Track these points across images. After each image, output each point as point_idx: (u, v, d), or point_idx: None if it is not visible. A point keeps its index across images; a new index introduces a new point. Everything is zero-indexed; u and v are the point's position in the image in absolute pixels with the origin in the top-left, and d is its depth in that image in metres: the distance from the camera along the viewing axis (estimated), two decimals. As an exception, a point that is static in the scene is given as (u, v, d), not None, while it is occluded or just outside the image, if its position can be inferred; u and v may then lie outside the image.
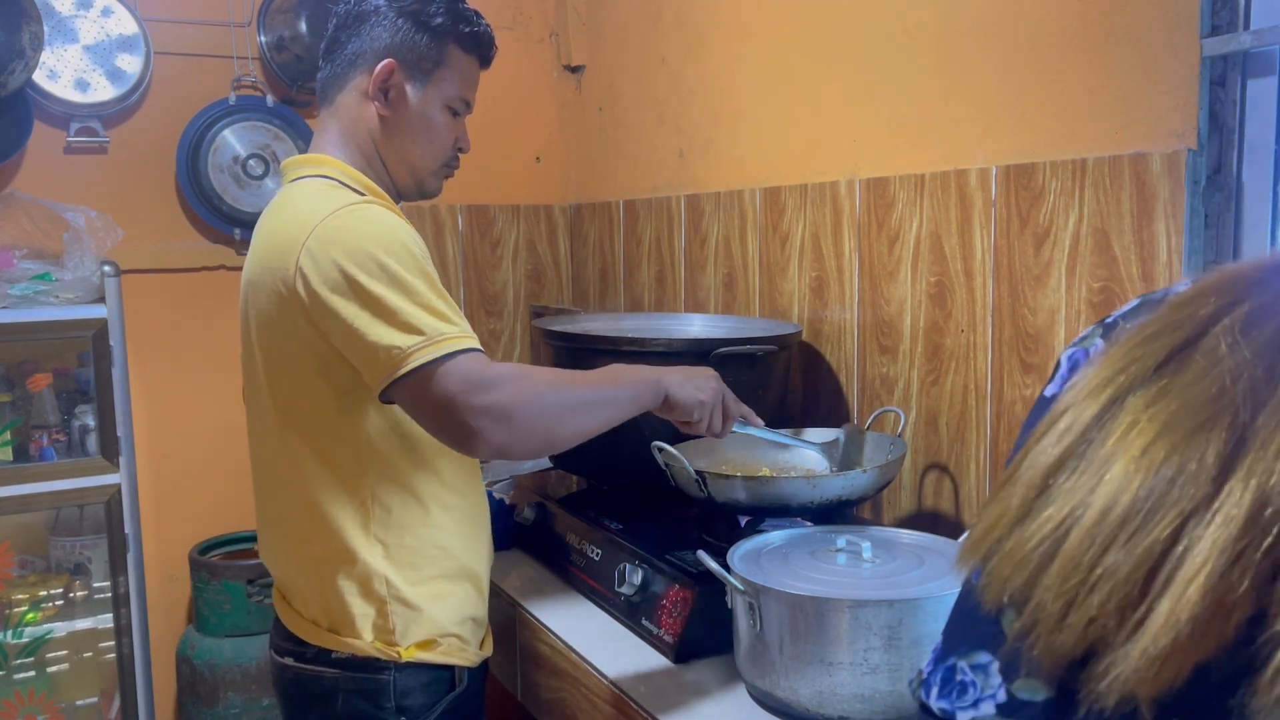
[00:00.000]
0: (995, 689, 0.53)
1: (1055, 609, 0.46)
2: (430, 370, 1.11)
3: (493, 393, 1.12)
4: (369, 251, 1.14)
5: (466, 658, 1.32)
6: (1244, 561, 0.41)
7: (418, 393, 1.13)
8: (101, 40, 2.32)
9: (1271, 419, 0.43)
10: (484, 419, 1.11)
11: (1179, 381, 0.47)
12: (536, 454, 1.21)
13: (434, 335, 1.12)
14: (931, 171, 1.59)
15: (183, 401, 2.48)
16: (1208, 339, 0.47)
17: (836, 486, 1.36)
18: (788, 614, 1.13)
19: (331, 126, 1.34)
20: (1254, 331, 0.46)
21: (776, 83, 1.97)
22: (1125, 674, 0.43)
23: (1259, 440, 0.43)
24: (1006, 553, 0.50)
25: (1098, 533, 0.46)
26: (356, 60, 1.32)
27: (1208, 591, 0.41)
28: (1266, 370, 0.44)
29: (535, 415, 1.15)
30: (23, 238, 2.23)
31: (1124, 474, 0.46)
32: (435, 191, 1.41)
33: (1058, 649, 0.47)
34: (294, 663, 1.30)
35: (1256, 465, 0.42)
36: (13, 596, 2.23)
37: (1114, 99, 1.32)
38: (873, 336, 1.73)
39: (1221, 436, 0.44)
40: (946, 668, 0.56)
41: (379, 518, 1.25)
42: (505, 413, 1.12)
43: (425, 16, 1.31)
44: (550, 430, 1.17)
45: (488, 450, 1.13)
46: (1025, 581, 0.48)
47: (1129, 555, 0.44)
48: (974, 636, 0.55)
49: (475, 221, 2.73)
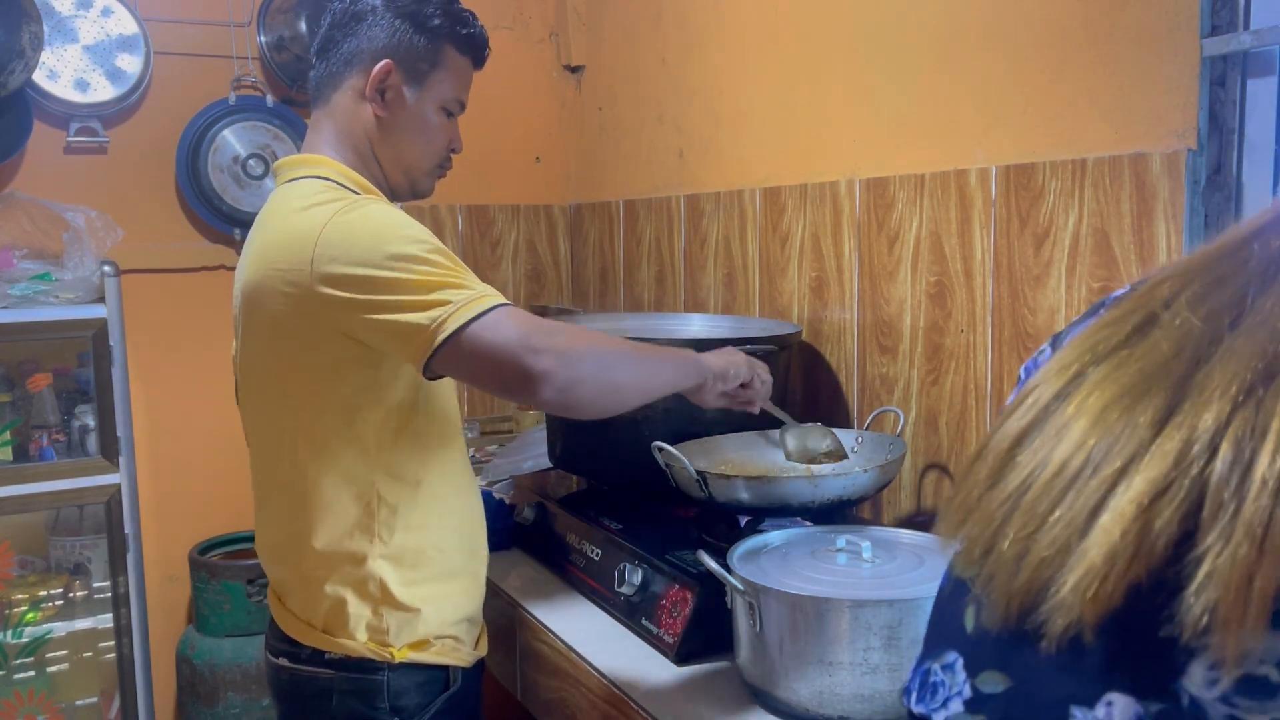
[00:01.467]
0: (961, 685, 0.55)
1: (1010, 555, 0.51)
2: (477, 324, 1.11)
3: (554, 336, 1.12)
4: (384, 241, 1.15)
5: (461, 658, 1.32)
6: (1172, 490, 0.45)
7: (469, 350, 1.11)
8: (101, 40, 2.32)
9: (1208, 374, 0.47)
10: (548, 358, 1.10)
11: (1136, 353, 0.51)
12: (598, 402, 1.18)
13: (469, 296, 1.13)
14: (931, 171, 1.59)
15: (183, 401, 2.48)
16: (1165, 315, 0.52)
17: (836, 486, 1.36)
18: (788, 614, 1.13)
19: (326, 126, 1.34)
20: (1203, 304, 0.50)
21: (776, 83, 1.97)
22: (1067, 597, 0.47)
23: (1195, 391, 0.47)
24: (975, 519, 0.54)
25: (1054, 485, 0.50)
26: (352, 60, 1.32)
27: (1138, 514, 0.46)
28: (1212, 335, 0.49)
29: (596, 359, 1.15)
30: (23, 238, 2.23)
31: (1081, 433, 0.50)
32: (428, 192, 1.42)
33: (1012, 592, 0.50)
34: (288, 663, 1.30)
35: (1190, 413, 0.47)
36: (13, 596, 2.23)
37: (1114, 99, 1.32)
38: (873, 336, 1.73)
39: (1165, 393, 0.48)
40: (923, 671, 0.58)
41: (383, 518, 1.25)
42: (568, 352, 1.12)
43: (422, 18, 1.32)
44: (610, 377, 1.17)
45: (552, 388, 1.11)
46: (989, 537, 0.52)
47: (1077, 499, 0.49)
48: (944, 637, 0.57)
49: (475, 221, 2.73)
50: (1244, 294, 0.49)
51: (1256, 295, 0.49)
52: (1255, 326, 0.48)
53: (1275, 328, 0.47)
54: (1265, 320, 0.48)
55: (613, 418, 1.24)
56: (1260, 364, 0.46)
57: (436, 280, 1.13)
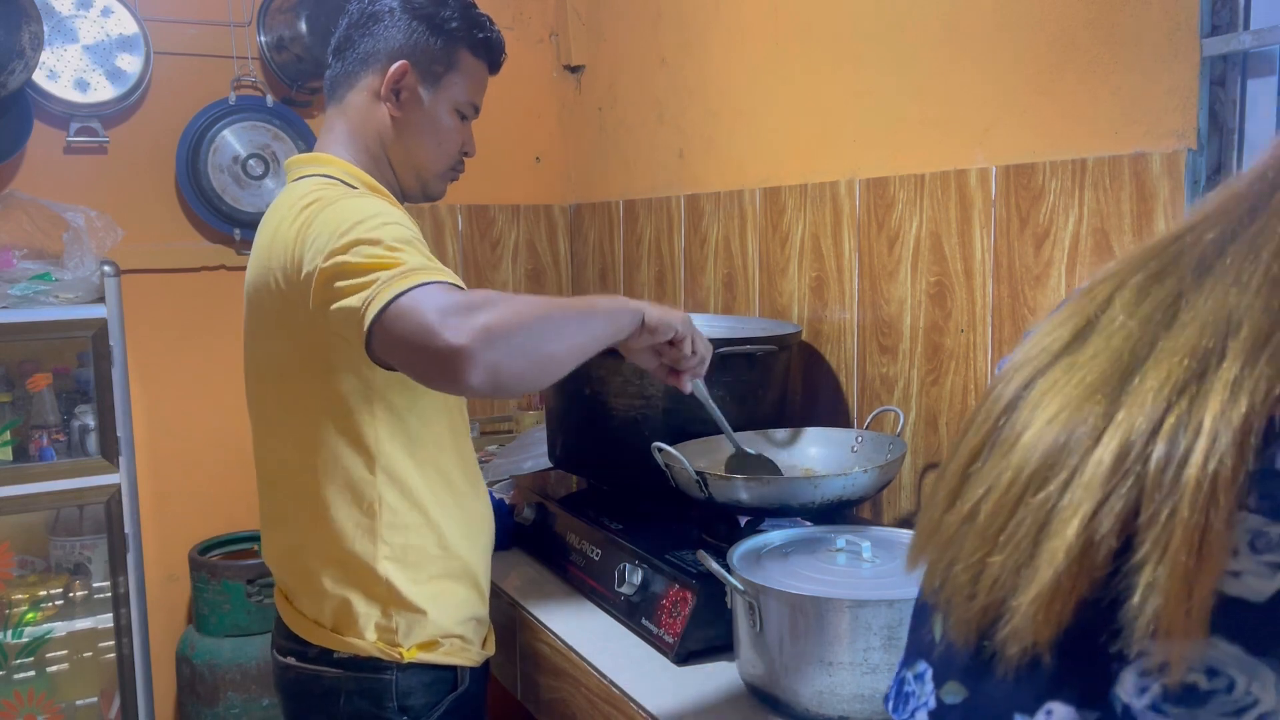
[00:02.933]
0: (928, 696, 0.55)
1: (965, 580, 0.51)
2: (396, 302, 1.01)
3: (475, 314, 1.00)
4: (347, 231, 1.11)
5: (469, 658, 1.32)
6: (1111, 500, 0.45)
7: (393, 330, 1.01)
8: (101, 40, 2.32)
9: (1143, 377, 0.47)
10: (472, 340, 0.98)
11: (1080, 359, 0.51)
12: (529, 377, 1.06)
13: (397, 273, 1.04)
14: (931, 171, 1.59)
15: (183, 401, 2.47)
16: (1103, 319, 0.52)
17: (837, 486, 1.36)
18: (788, 614, 1.13)
19: (339, 125, 1.34)
20: (1138, 305, 0.51)
21: (776, 83, 1.97)
22: (1020, 622, 0.47)
23: (1131, 396, 0.47)
24: (934, 543, 0.55)
25: (1004, 504, 0.50)
26: (368, 60, 1.32)
27: (1080, 530, 0.46)
28: (1149, 336, 0.49)
29: (523, 332, 1.03)
30: (23, 238, 2.23)
31: (1025, 450, 0.50)
32: (439, 194, 1.42)
33: (969, 617, 0.51)
34: (296, 663, 1.30)
35: (1125, 419, 0.47)
36: (13, 596, 2.23)
37: (1114, 99, 1.32)
38: (873, 336, 1.73)
39: (1105, 398, 0.48)
40: (899, 680, 0.59)
41: (385, 519, 1.25)
42: (492, 331, 0.99)
43: (439, 20, 1.32)
44: (540, 348, 1.05)
45: (479, 375, 0.99)
46: (946, 562, 0.53)
47: (1025, 519, 0.49)
48: (917, 647, 0.58)
49: (475, 221, 2.73)
50: (1178, 291, 0.49)
51: (1189, 292, 0.48)
52: (1187, 324, 0.47)
53: (1206, 323, 0.47)
54: (1196, 317, 0.47)
55: (612, 418, 1.24)
56: (1192, 361, 0.46)
57: (381, 261, 1.06)
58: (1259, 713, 0.43)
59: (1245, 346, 0.45)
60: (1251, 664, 0.43)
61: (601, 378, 1.63)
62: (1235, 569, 0.43)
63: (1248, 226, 0.48)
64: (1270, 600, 0.42)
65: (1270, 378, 0.44)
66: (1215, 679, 0.43)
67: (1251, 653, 0.43)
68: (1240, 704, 0.43)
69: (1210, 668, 0.43)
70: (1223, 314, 0.46)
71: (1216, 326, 0.46)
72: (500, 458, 2.10)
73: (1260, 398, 0.43)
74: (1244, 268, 0.47)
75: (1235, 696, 0.43)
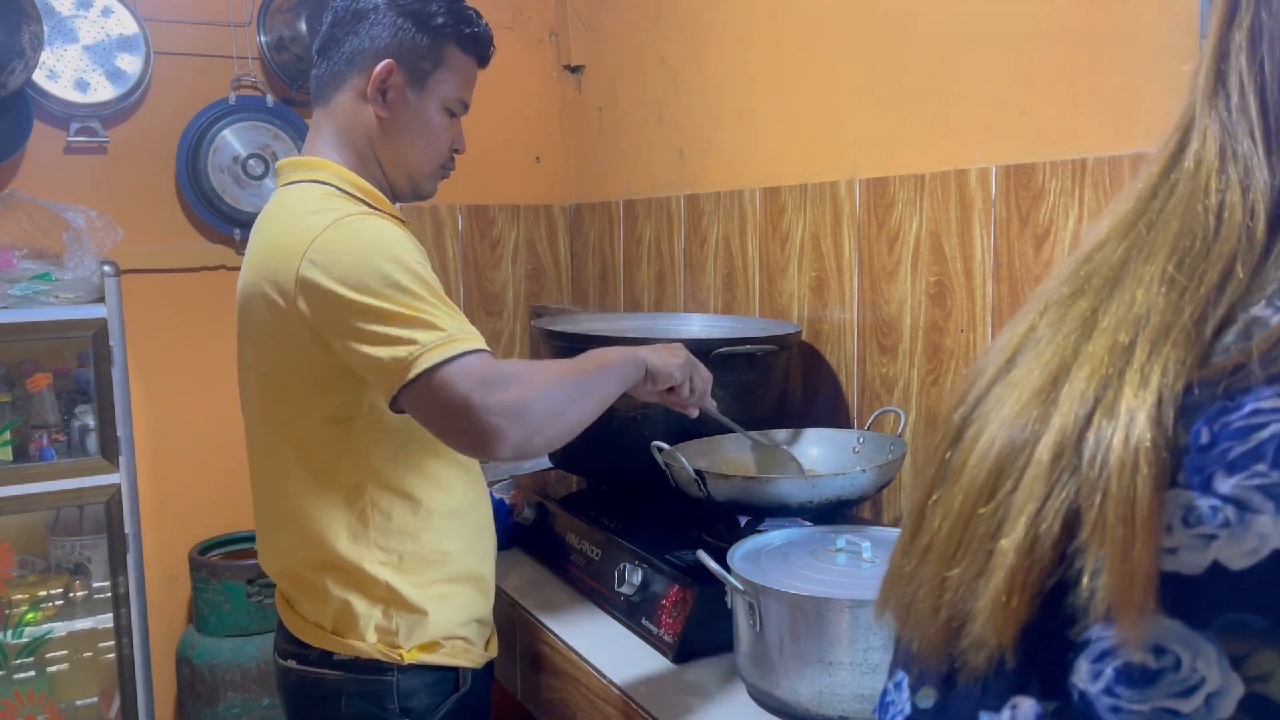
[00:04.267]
0: (904, 703, 0.57)
1: (927, 604, 0.54)
2: (439, 372, 1.08)
3: (507, 389, 1.10)
4: (370, 264, 1.13)
5: (471, 659, 1.32)
6: (1053, 496, 0.48)
7: (429, 398, 1.10)
8: (101, 40, 2.32)
9: (1072, 382, 0.50)
10: (501, 417, 1.08)
11: (1013, 378, 0.54)
12: (552, 445, 1.18)
13: (439, 339, 1.10)
14: (931, 171, 1.59)
15: (183, 401, 2.47)
16: (1030, 339, 0.55)
17: (836, 486, 1.36)
18: (788, 614, 1.13)
19: (327, 127, 1.33)
20: (1062, 323, 0.54)
21: (776, 83, 1.96)
22: (980, 627, 0.49)
23: (1063, 399, 0.50)
24: (898, 587, 0.58)
25: (958, 522, 0.53)
26: (354, 60, 1.30)
27: (1027, 528, 0.48)
28: (1074, 348, 0.52)
29: (549, 406, 1.13)
30: (23, 238, 2.23)
31: (974, 467, 0.53)
32: (430, 193, 1.40)
33: (934, 638, 0.53)
34: (297, 665, 1.30)
35: (1058, 419, 0.49)
36: (13, 596, 2.23)
37: (1114, 99, 1.32)
38: (873, 336, 1.73)
39: (1040, 405, 0.51)
40: (884, 690, 0.61)
41: (378, 525, 1.24)
42: (520, 408, 1.09)
43: (426, 16, 1.30)
44: (562, 419, 1.15)
45: (508, 448, 1.09)
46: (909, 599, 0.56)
47: (979, 526, 0.51)
48: (898, 658, 0.60)
49: (475, 221, 2.73)
50: (1094, 307, 0.52)
51: (1103, 304, 0.52)
52: (1105, 329, 0.51)
53: (1120, 323, 0.50)
54: (1112, 321, 0.50)
55: (612, 418, 1.24)
56: (1112, 357, 0.49)
57: (412, 315, 1.11)
58: (1207, 691, 0.44)
59: (1152, 335, 0.48)
60: (1193, 639, 0.44)
61: (601, 378, 1.63)
62: (1171, 545, 0.45)
63: (1145, 237, 0.52)
64: (1205, 573, 0.44)
65: (1178, 359, 0.47)
66: (1163, 657, 0.44)
67: (1192, 626, 0.44)
68: (1189, 682, 0.44)
69: (1157, 645, 0.44)
70: (1133, 312, 0.50)
71: (1130, 324, 0.49)
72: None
73: (1171, 376, 0.46)
74: (1144, 271, 0.51)
75: (1183, 674, 0.44)
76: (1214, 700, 0.43)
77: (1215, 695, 0.43)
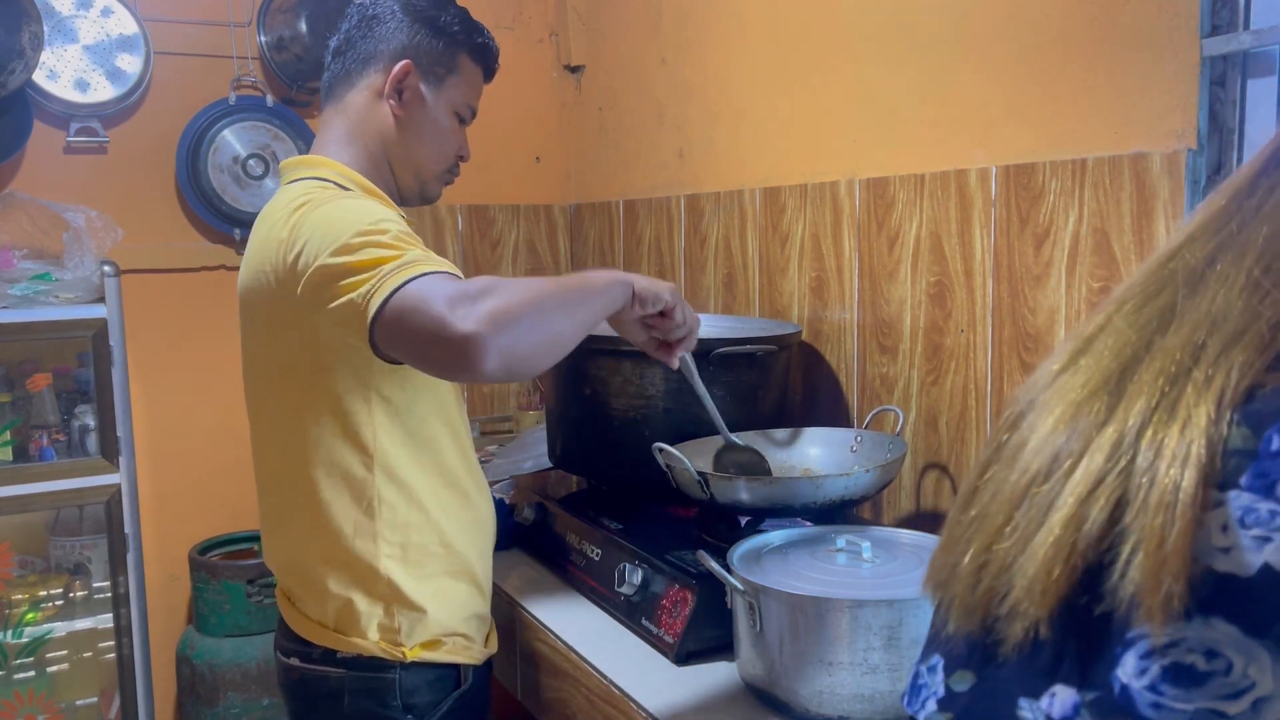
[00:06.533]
0: (938, 685, 0.58)
1: (970, 571, 0.55)
2: (401, 293, 1.01)
3: (481, 300, 1.00)
4: (341, 231, 1.11)
5: (472, 656, 1.33)
6: (1106, 483, 0.49)
7: (401, 324, 1.01)
8: (101, 40, 2.32)
9: (1141, 374, 0.52)
10: (478, 324, 0.98)
11: (1081, 365, 0.56)
12: (539, 358, 1.07)
13: (398, 264, 1.04)
14: (931, 171, 1.59)
15: (183, 401, 2.48)
16: (1104, 333, 0.56)
17: (837, 486, 1.36)
18: (788, 614, 1.13)
19: (337, 124, 1.35)
20: (1138, 316, 0.55)
21: (776, 83, 1.97)
22: (1020, 594, 0.51)
23: (1131, 390, 0.51)
24: (946, 542, 0.59)
25: (1011, 499, 0.54)
26: (370, 59, 1.33)
27: (1075, 507, 0.50)
28: (1146, 341, 0.53)
29: (530, 314, 1.03)
30: (23, 238, 2.23)
31: (1034, 451, 0.54)
32: (436, 196, 1.43)
33: (974, 604, 0.55)
34: (299, 663, 1.30)
35: (1123, 410, 0.51)
36: (13, 596, 2.23)
37: (1114, 99, 1.32)
38: (873, 336, 1.73)
39: (1107, 394, 0.53)
40: (914, 674, 0.62)
41: (385, 517, 1.25)
42: (500, 316, 0.99)
43: (441, 24, 1.34)
44: (546, 328, 1.05)
45: (493, 360, 0.99)
46: (954, 559, 0.57)
47: (1030, 508, 0.53)
48: (932, 644, 0.61)
49: (475, 221, 2.73)
50: (1173, 303, 0.53)
51: (1184, 301, 0.53)
52: (1181, 326, 0.52)
53: (1198, 322, 0.51)
54: (1190, 318, 0.52)
55: (612, 418, 1.24)
56: (1184, 354, 0.50)
57: (376, 258, 1.06)
58: (1255, 696, 0.44)
59: (1225, 338, 0.49)
60: (1248, 645, 0.44)
61: (601, 378, 1.63)
62: (1225, 545, 0.46)
63: (1236, 236, 0.53)
64: (1259, 575, 0.44)
65: (1246, 361, 0.48)
66: (1214, 660, 0.45)
67: (1248, 634, 0.44)
68: (1238, 686, 0.44)
69: (1210, 649, 0.45)
70: (1212, 313, 0.51)
71: (1206, 323, 0.50)
72: (500, 458, 2.10)
73: (1235, 379, 0.48)
74: (1231, 273, 0.51)
75: (1233, 679, 0.44)
76: (1261, 705, 0.44)
77: (1264, 700, 0.44)
